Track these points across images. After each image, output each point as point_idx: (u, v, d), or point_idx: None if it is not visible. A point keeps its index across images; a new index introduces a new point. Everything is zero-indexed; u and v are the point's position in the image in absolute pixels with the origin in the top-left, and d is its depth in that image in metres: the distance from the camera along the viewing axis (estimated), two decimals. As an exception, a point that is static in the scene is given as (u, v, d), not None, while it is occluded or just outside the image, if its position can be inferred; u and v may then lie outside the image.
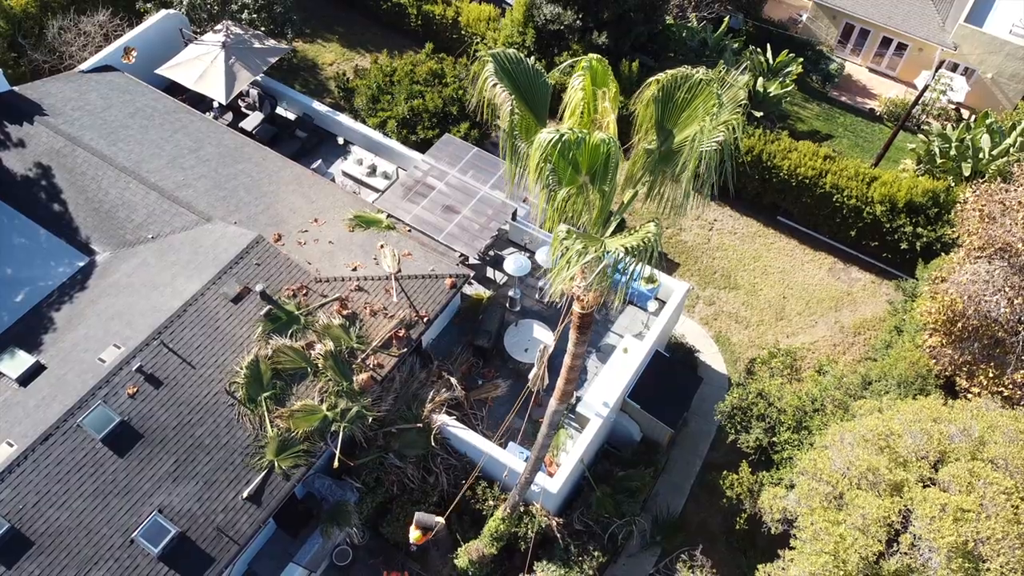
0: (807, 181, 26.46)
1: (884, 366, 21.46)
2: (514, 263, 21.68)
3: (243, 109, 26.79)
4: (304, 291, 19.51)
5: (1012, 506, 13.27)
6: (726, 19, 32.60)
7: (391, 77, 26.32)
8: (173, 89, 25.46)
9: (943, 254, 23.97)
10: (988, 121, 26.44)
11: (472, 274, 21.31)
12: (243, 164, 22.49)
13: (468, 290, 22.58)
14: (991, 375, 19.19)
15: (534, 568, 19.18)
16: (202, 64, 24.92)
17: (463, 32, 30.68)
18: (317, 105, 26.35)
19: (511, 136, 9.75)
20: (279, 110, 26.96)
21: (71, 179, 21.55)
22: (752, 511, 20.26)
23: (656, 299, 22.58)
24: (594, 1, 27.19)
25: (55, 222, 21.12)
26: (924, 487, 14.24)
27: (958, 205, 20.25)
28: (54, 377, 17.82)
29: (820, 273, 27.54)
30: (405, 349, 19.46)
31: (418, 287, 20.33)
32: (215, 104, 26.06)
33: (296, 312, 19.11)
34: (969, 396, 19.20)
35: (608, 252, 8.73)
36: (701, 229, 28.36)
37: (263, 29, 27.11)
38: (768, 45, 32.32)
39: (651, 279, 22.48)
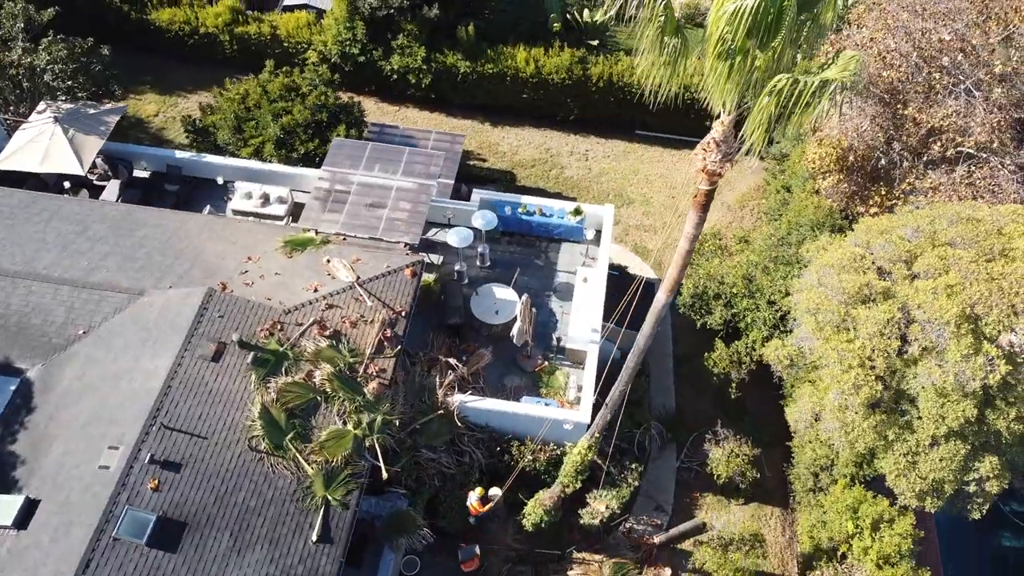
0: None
1: (791, 219, 24.19)
2: (457, 236, 21.99)
3: (96, 182, 24.58)
4: (279, 326, 18.71)
5: (983, 270, 15.91)
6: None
7: (245, 103, 25.22)
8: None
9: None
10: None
11: (426, 257, 21.38)
12: (142, 229, 20.85)
13: (414, 279, 22.56)
14: (883, 192, 22.36)
15: (587, 500, 20.00)
16: (40, 145, 22.63)
17: (285, 44, 29.84)
18: (180, 153, 24.75)
19: (663, 31, 10.43)
20: (136, 172, 25.02)
21: (-44, 304, 18.98)
22: (740, 377, 22.33)
23: (588, 229, 23.85)
24: (416, -23, 27.55)
25: (-43, 355, 18.58)
26: (911, 283, 16.63)
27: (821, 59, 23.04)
28: (55, 505, 15.94)
29: (692, 168, 30.09)
30: (399, 347, 19.32)
31: (383, 286, 20.14)
32: (66, 185, 23.75)
33: (281, 349, 18.34)
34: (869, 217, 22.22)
35: (835, 80, 9.65)
36: (579, 162, 29.96)
37: (84, 94, 24.84)
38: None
39: (577, 211, 23.71)
